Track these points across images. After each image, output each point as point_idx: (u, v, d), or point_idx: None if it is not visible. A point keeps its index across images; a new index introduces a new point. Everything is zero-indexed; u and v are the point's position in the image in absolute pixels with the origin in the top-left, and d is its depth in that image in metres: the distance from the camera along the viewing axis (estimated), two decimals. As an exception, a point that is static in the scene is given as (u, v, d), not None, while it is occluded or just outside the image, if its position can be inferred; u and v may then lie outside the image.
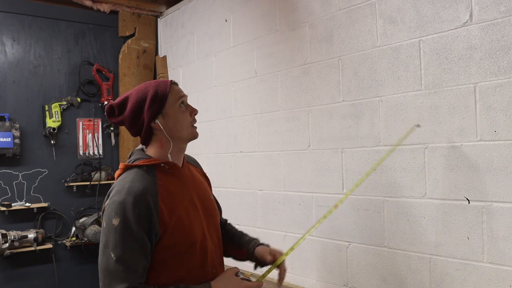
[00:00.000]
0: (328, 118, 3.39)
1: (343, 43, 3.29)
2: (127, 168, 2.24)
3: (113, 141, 5.45)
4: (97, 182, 5.26)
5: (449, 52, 2.70)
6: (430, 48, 2.78)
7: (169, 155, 2.30)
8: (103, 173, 5.31)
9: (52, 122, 5.11)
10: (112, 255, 2.01)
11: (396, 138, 2.95)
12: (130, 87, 5.44)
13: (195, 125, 2.35)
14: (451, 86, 2.68)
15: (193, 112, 2.35)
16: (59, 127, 5.20)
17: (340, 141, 3.31)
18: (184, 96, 2.34)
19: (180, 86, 5.00)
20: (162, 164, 2.26)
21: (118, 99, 2.30)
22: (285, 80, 3.74)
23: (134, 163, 2.24)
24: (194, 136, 2.35)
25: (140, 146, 2.39)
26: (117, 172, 2.27)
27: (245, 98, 4.17)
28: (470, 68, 2.61)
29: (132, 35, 5.56)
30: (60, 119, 5.16)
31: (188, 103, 2.39)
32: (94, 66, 5.40)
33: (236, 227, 2.81)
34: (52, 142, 5.15)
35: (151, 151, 2.31)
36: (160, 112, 2.25)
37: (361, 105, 3.16)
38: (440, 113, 2.73)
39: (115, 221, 2.03)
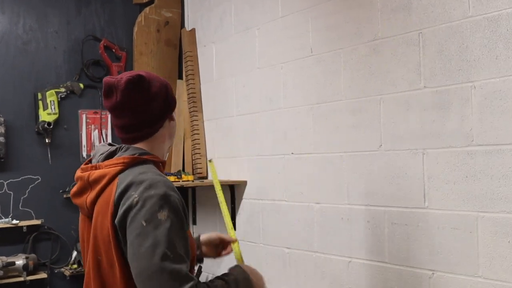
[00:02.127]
0: (405, 110, 3.49)
1: (424, 12, 3.38)
2: (136, 161, 2.41)
3: (125, 139, 5.55)
4: (105, 193, 5.33)
5: (562, 23, 2.78)
6: (537, 19, 2.88)
7: (166, 154, 2.65)
8: (113, 181, 5.39)
9: (47, 115, 5.29)
10: (169, 253, 2.19)
11: (494, 135, 3.04)
12: (148, 68, 5.55)
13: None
14: None
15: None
16: (56, 121, 5.38)
17: (421, 140, 3.42)
18: None
19: (214, 67, 5.14)
20: (160, 164, 2.55)
21: (130, 74, 2.47)
22: (349, 61, 3.85)
23: (144, 157, 2.44)
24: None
25: (104, 144, 2.64)
26: (114, 168, 2.39)
27: (298, 84, 4.30)
28: None
29: (151, 2, 5.68)
30: (57, 111, 5.34)
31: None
32: (102, 42, 5.58)
33: (286, 251, 2.96)
34: (46, 140, 5.33)
35: (147, 147, 2.53)
36: (171, 112, 2.61)
37: (448, 92, 3.25)
38: (550, 103, 2.82)
39: (162, 215, 2.22)
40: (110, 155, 2.47)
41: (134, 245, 2.21)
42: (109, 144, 2.59)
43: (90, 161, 2.57)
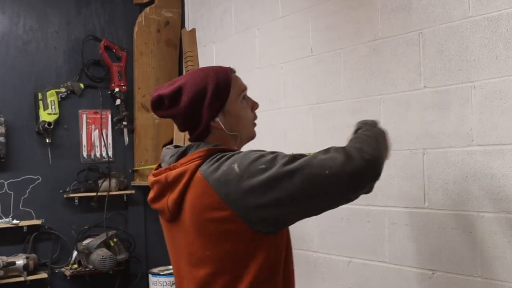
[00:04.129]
0: (405, 110, 3.50)
1: (424, 12, 3.38)
2: (212, 152, 2.35)
3: (126, 139, 5.62)
4: (105, 193, 5.38)
5: None
6: (537, 19, 2.88)
7: (243, 141, 2.62)
8: (113, 181, 5.46)
9: (47, 115, 5.29)
10: (302, 160, 2.19)
11: (494, 135, 3.04)
12: (148, 68, 5.62)
13: (255, 121, 2.64)
14: None
15: (255, 106, 2.63)
16: (56, 122, 5.38)
17: (421, 140, 3.41)
18: (246, 88, 2.58)
19: (214, 67, 5.11)
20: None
21: (168, 88, 2.46)
22: (350, 61, 3.85)
23: (219, 147, 2.39)
24: (253, 136, 2.66)
25: (169, 147, 2.59)
26: (193, 163, 2.32)
27: (298, 84, 4.30)
28: None
29: (151, 2, 5.70)
30: (57, 111, 5.35)
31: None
32: (102, 43, 5.58)
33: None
34: (47, 140, 5.32)
35: (215, 141, 2.49)
36: (221, 108, 2.47)
37: (448, 92, 3.25)
38: (550, 103, 2.82)
39: (266, 154, 2.25)
40: (183, 154, 2.44)
41: (283, 189, 2.15)
42: (175, 146, 2.56)
43: (159, 167, 2.54)
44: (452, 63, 3.23)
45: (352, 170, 2.15)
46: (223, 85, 2.45)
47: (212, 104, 2.43)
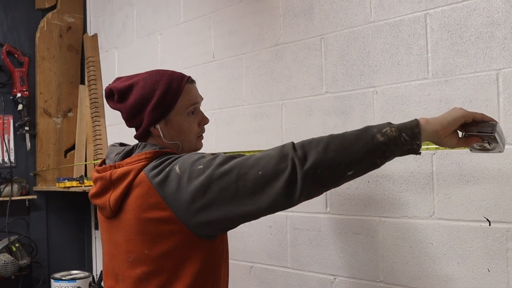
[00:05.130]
0: (307, 115, 3.39)
1: (326, 17, 3.28)
2: (158, 154, 2.33)
3: (28, 144, 5.38)
4: (7, 198, 5.16)
5: (465, 29, 2.68)
6: (439, 24, 2.77)
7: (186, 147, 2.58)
8: (15, 186, 5.24)
9: None
10: (238, 157, 2.15)
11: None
12: (50, 74, 5.43)
13: (202, 134, 2.63)
14: (467, 74, 2.67)
15: (203, 122, 2.62)
16: (-43, 127, 5.09)
17: (323, 145, 3.28)
18: (197, 103, 2.57)
19: (116, 72, 4.96)
20: None
21: (122, 83, 2.46)
22: (252, 66, 3.73)
23: (164, 150, 2.38)
24: (197, 149, 2.60)
25: (115, 144, 2.59)
26: (138, 164, 2.30)
27: (200, 89, 4.10)
28: (491, 51, 2.60)
29: (53, 7, 5.50)
30: (-42, 116, 5.08)
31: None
32: (4, 48, 5.32)
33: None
34: None
35: (158, 143, 2.50)
36: (163, 117, 2.45)
37: (350, 97, 3.16)
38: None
39: (207, 155, 2.19)
40: (128, 154, 2.43)
41: (219, 189, 2.10)
42: (121, 144, 2.56)
43: (103, 163, 2.54)
44: (354, 68, 3.14)
45: (282, 171, 2.02)
46: (170, 94, 2.44)
47: (154, 111, 2.42)
